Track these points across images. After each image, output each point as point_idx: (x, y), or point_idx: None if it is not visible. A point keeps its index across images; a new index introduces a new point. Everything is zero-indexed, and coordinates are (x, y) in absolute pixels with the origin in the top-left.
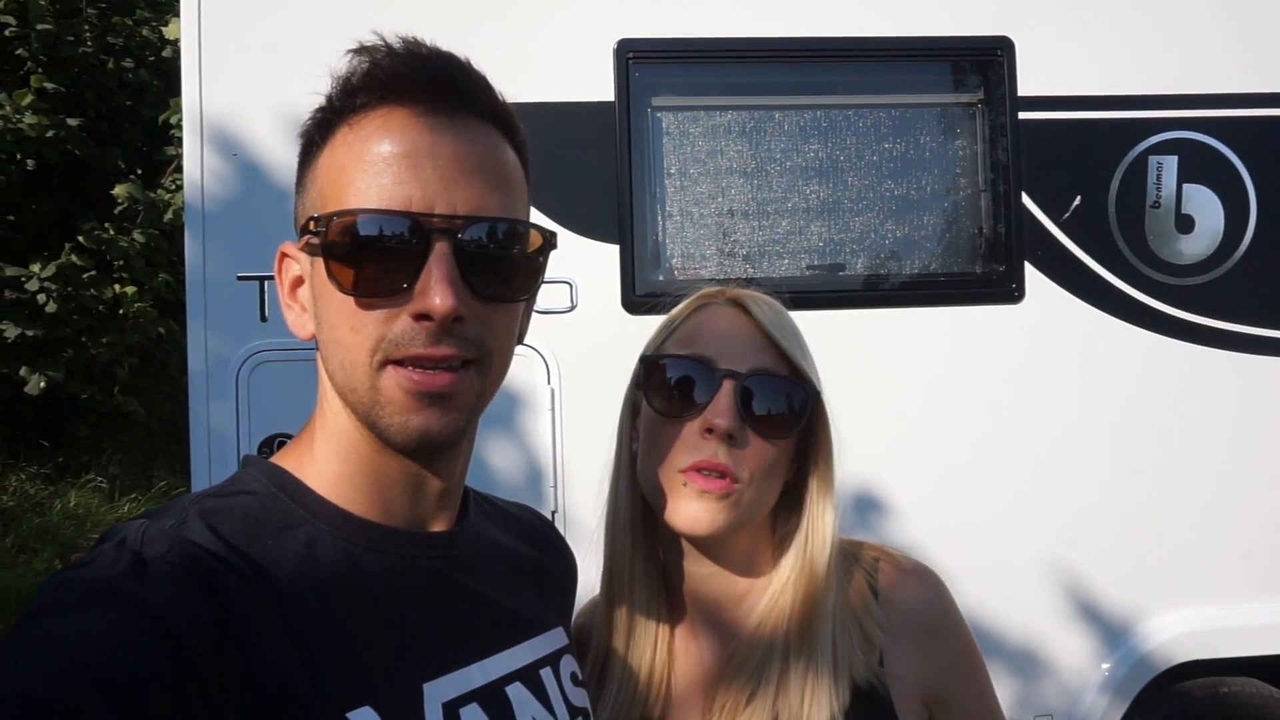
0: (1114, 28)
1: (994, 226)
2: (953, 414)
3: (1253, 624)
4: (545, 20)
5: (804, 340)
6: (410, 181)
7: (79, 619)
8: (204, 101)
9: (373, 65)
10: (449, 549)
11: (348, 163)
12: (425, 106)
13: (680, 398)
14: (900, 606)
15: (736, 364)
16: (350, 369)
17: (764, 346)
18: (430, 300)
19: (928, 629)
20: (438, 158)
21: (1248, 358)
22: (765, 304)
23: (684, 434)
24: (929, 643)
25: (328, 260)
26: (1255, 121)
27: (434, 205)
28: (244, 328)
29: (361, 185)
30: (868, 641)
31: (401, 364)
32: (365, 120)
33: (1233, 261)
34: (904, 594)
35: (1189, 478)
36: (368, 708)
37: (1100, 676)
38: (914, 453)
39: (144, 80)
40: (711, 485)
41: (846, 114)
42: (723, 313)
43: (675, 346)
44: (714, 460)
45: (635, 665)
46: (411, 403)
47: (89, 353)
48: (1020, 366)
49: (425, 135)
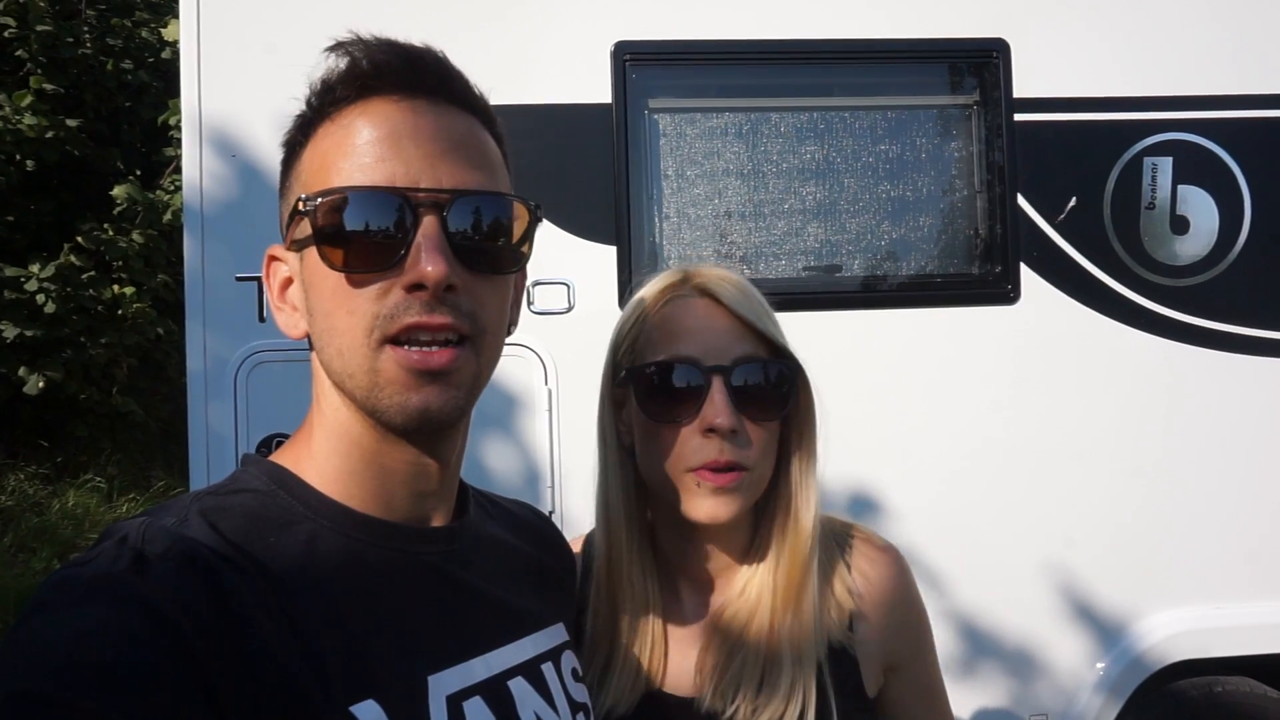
0: (1109, 30)
1: (990, 228)
2: (948, 415)
3: (1246, 623)
4: (543, 22)
5: (770, 310)
6: (393, 159)
7: (81, 616)
8: (203, 103)
9: (351, 61)
10: (450, 544)
11: (330, 150)
12: (404, 93)
13: (674, 402)
14: (872, 579)
15: (720, 358)
16: (348, 353)
17: (741, 333)
18: (423, 269)
19: (894, 603)
20: (419, 136)
21: (1242, 358)
22: (731, 285)
23: (684, 435)
24: (894, 615)
25: (319, 243)
26: (1249, 123)
27: (419, 180)
28: (242, 328)
29: (345, 167)
30: (839, 606)
31: (399, 343)
32: (345, 113)
33: (1227, 263)
34: (876, 569)
35: (1184, 478)
36: (372, 701)
37: (1095, 676)
38: (909, 453)
39: (143, 81)
40: (724, 480)
41: (843, 116)
42: (694, 305)
43: (653, 346)
44: (722, 458)
45: (635, 643)
46: (411, 380)
47: (88, 353)
48: (1015, 367)
49: (406, 116)
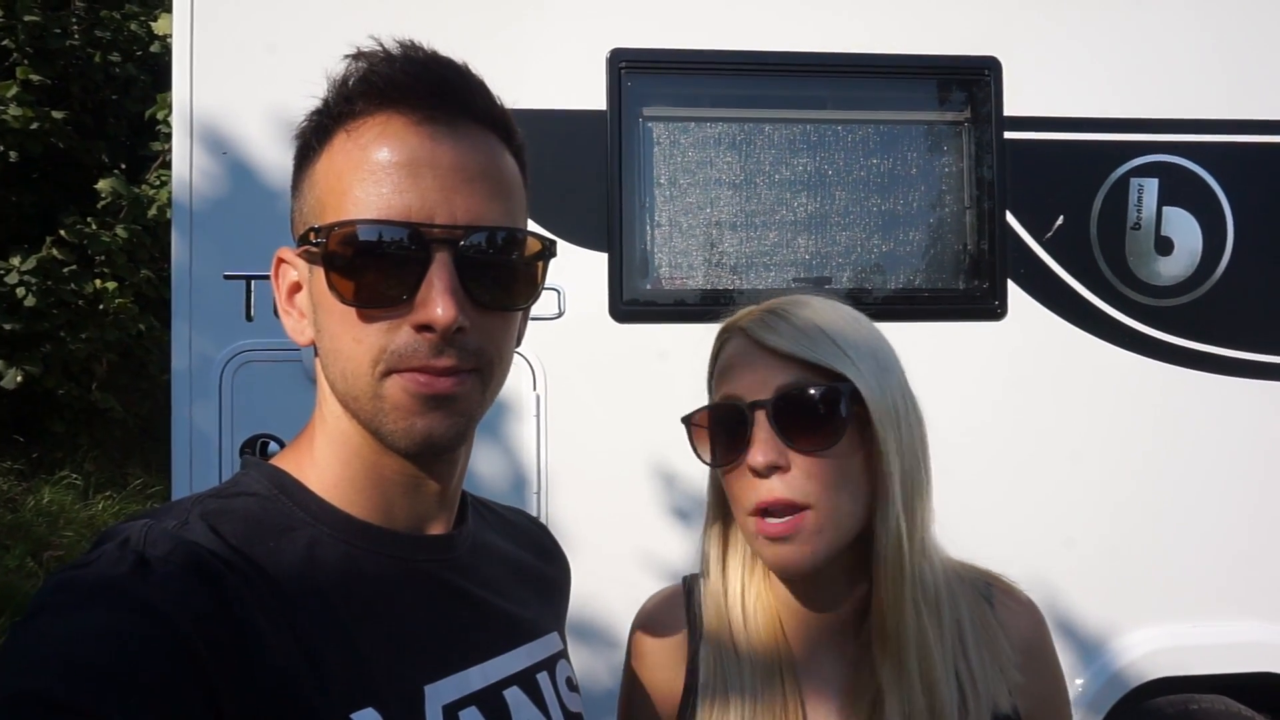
0: (1100, 51)
1: (978, 243)
2: (932, 428)
3: (1223, 642)
4: (538, 28)
5: (830, 331)
6: (410, 191)
7: (82, 618)
8: (194, 98)
9: (370, 71)
10: (447, 552)
11: (345, 171)
12: (424, 114)
13: (725, 446)
14: (1015, 636)
15: (761, 392)
16: (352, 378)
17: (781, 364)
18: (432, 311)
19: (1037, 660)
20: (437, 166)
21: (1222, 379)
22: (783, 320)
23: (739, 478)
24: (1035, 673)
25: (328, 271)
26: (1233, 147)
27: (434, 215)
28: (229, 327)
29: (360, 194)
30: (1002, 672)
31: (403, 370)
32: (363, 127)
33: (1209, 284)
34: (1020, 624)
35: (1163, 497)
36: (371, 709)
37: (1074, 692)
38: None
39: (130, 75)
40: (778, 530)
41: (835, 129)
42: (737, 345)
43: (711, 391)
44: (770, 497)
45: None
46: (416, 406)
47: (67, 348)
48: (1001, 383)
49: (425, 144)
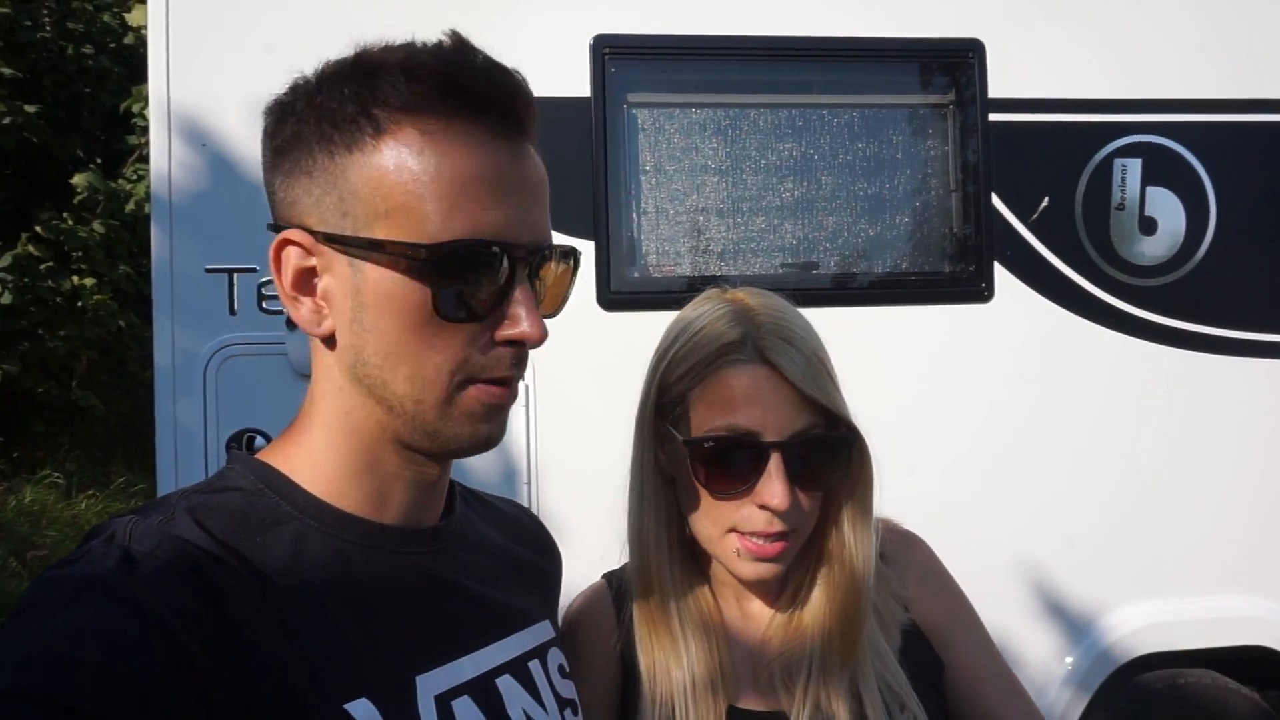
0: (1083, 32)
1: (964, 226)
2: (920, 411)
3: (1210, 618)
4: (521, 14)
5: (830, 365)
6: (495, 209)
7: (70, 615)
8: (171, 89)
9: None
10: (436, 543)
11: (426, 178)
12: (501, 127)
13: (728, 476)
14: (904, 564)
15: (780, 433)
16: (421, 382)
17: (801, 404)
18: (525, 331)
19: (928, 581)
20: (522, 184)
21: (1207, 357)
22: (794, 349)
23: (736, 503)
24: (930, 592)
25: (411, 276)
26: (1215, 126)
27: (519, 235)
28: (212, 322)
29: (448, 206)
30: (895, 596)
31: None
32: (443, 134)
33: (1192, 264)
34: (907, 553)
35: (1150, 475)
36: (365, 700)
37: (1064, 671)
38: (880, 449)
39: (104, 67)
40: (768, 550)
41: (820, 113)
42: (755, 374)
43: (709, 411)
44: (771, 529)
45: (702, 667)
46: (485, 413)
47: (46, 346)
48: (988, 365)
49: (503, 159)
